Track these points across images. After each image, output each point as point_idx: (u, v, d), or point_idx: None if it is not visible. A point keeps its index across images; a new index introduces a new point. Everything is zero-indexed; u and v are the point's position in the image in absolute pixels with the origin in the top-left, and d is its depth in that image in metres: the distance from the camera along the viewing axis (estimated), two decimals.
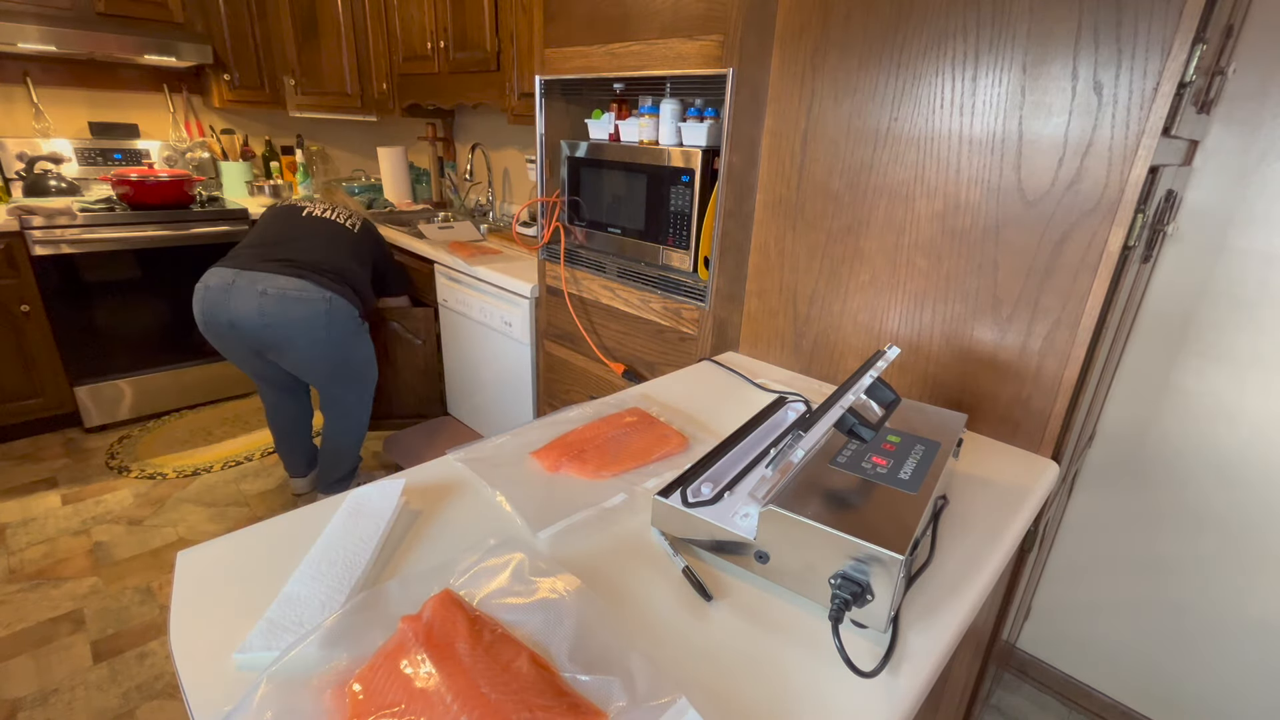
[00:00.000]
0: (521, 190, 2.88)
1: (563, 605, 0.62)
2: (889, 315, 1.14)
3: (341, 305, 1.86)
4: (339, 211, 2.07)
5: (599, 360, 1.64)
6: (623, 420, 1.01)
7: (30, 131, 2.69)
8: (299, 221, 1.97)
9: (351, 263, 1.95)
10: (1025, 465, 0.98)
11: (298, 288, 1.78)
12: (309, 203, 2.06)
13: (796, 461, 0.71)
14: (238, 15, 2.76)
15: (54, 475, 2.34)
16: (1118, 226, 0.87)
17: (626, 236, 1.46)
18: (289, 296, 1.77)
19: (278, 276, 1.78)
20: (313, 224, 1.98)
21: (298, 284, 1.78)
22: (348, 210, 2.11)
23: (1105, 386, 1.33)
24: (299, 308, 1.78)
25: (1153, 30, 0.79)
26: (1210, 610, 1.37)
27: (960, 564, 0.74)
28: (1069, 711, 1.62)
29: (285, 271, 1.79)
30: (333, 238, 1.96)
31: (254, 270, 1.78)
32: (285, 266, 1.81)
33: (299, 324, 1.79)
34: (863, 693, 0.57)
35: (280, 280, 1.77)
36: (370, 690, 0.52)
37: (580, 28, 1.42)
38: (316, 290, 1.80)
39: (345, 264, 1.93)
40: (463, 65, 2.37)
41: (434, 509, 0.80)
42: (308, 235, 1.93)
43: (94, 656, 1.60)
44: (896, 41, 1.02)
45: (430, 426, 2.50)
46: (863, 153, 1.11)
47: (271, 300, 1.76)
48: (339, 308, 1.85)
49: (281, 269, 1.80)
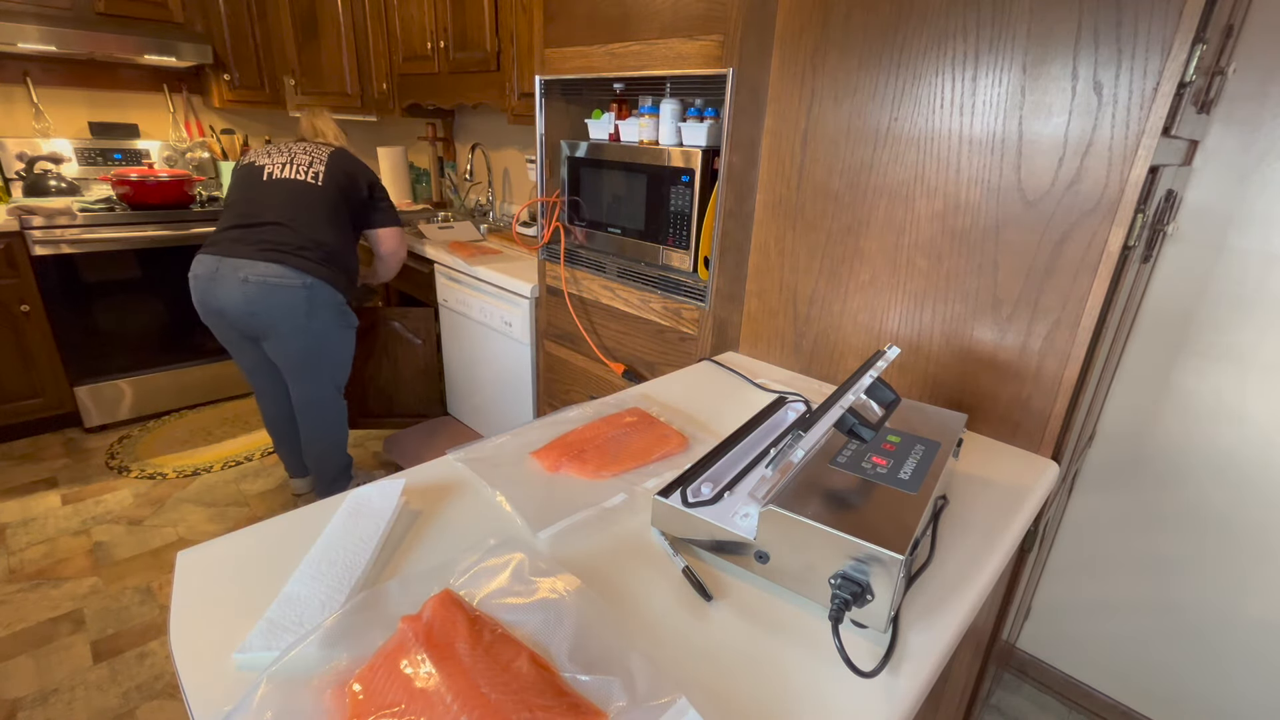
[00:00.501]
0: (521, 190, 2.88)
1: (563, 605, 0.62)
2: (889, 315, 1.14)
3: (323, 290, 1.82)
4: (298, 162, 1.89)
5: (599, 360, 1.64)
6: (623, 420, 1.01)
7: (30, 131, 2.69)
8: (264, 188, 1.85)
9: (326, 230, 1.84)
10: (1025, 465, 0.98)
11: (277, 274, 1.75)
12: (268, 157, 1.91)
13: (796, 461, 0.71)
14: (238, 15, 2.76)
15: (54, 475, 2.34)
16: (1118, 226, 0.87)
17: (626, 236, 1.46)
18: (269, 283, 1.75)
19: (257, 262, 1.75)
20: (278, 190, 1.85)
21: (278, 270, 1.75)
22: (309, 154, 1.92)
23: (1105, 386, 1.33)
24: (280, 294, 1.76)
25: (1153, 30, 0.79)
26: (1211, 610, 1.37)
27: (960, 564, 0.74)
28: (1069, 711, 1.62)
29: (264, 256, 1.76)
30: (303, 204, 1.84)
31: (234, 257, 1.76)
32: (263, 250, 1.76)
33: (280, 310, 1.78)
34: (863, 693, 0.57)
35: (260, 266, 1.75)
36: (370, 690, 0.52)
37: (580, 28, 1.42)
38: (296, 275, 1.77)
39: (320, 234, 1.83)
40: (463, 65, 2.37)
41: (434, 509, 0.80)
42: (277, 205, 1.82)
43: (94, 656, 1.60)
44: (896, 41, 1.02)
45: (430, 426, 2.50)
46: (863, 153, 1.11)
47: (254, 287, 1.75)
48: (320, 292, 1.81)
49: (259, 253, 1.76)
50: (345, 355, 1.98)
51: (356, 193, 1.94)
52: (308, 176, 1.87)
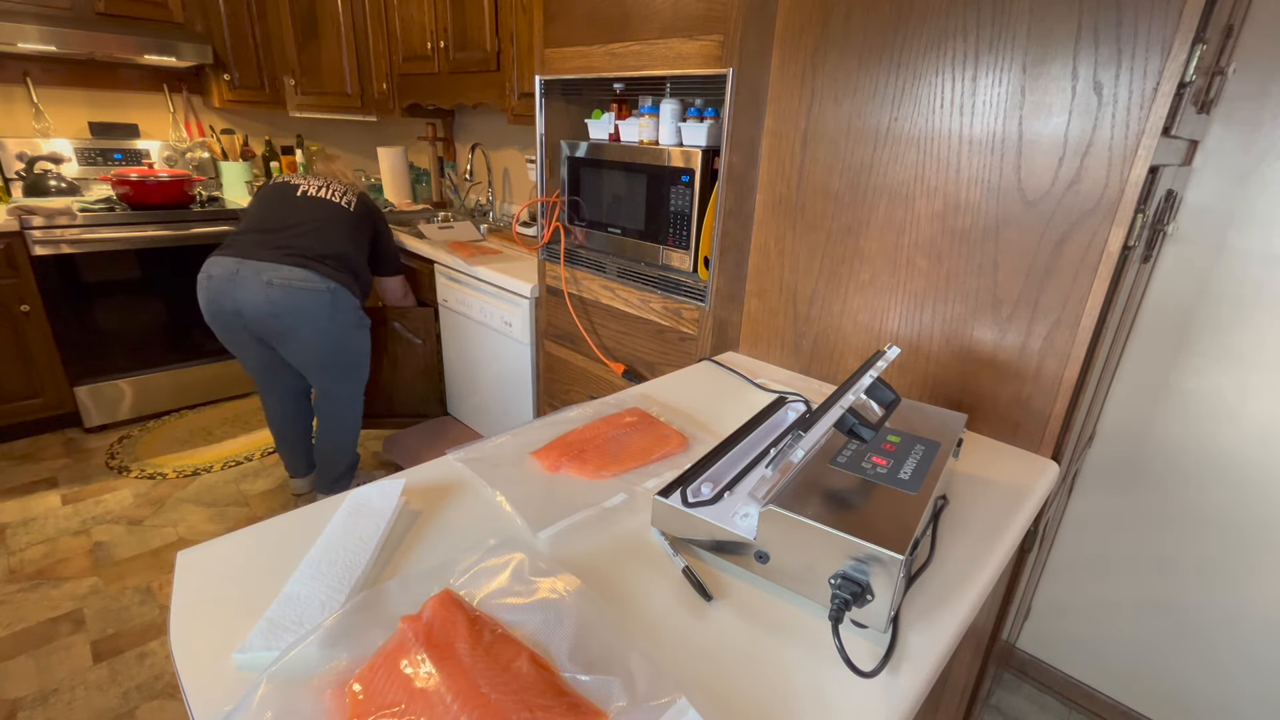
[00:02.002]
0: (521, 190, 2.88)
1: (563, 605, 0.62)
2: (889, 315, 1.14)
3: (344, 295, 1.87)
4: (334, 189, 2.02)
5: (599, 360, 1.64)
6: (623, 420, 1.01)
7: (30, 131, 2.69)
8: (295, 203, 1.94)
9: (348, 246, 1.94)
10: (1025, 465, 0.98)
11: (302, 278, 1.79)
12: (304, 179, 2.01)
13: (796, 461, 0.71)
14: (238, 15, 2.76)
15: (54, 475, 2.34)
16: (1118, 226, 0.87)
17: (626, 236, 1.46)
18: (294, 286, 1.78)
19: (281, 266, 1.77)
20: (309, 205, 1.94)
21: (302, 274, 1.79)
22: (343, 186, 2.06)
23: (1105, 386, 1.33)
24: (304, 297, 1.79)
25: (1153, 30, 0.79)
26: (1211, 610, 1.37)
27: (960, 564, 0.74)
28: (1069, 712, 1.62)
29: (288, 260, 1.79)
30: (330, 220, 1.94)
31: (256, 259, 1.78)
32: (287, 255, 1.80)
33: (304, 313, 1.81)
34: (863, 693, 0.57)
35: (284, 270, 1.77)
36: (370, 690, 0.52)
37: (580, 28, 1.42)
38: (320, 280, 1.81)
39: (343, 247, 1.91)
40: (463, 65, 2.37)
41: (434, 509, 0.80)
42: (305, 219, 1.90)
43: (94, 656, 1.60)
44: (896, 41, 1.02)
45: (430, 426, 2.50)
46: (863, 153, 1.11)
47: (278, 290, 1.77)
48: (342, 297, 1.86)
49: (284, 257, 1.79)
50: (364, 355, 2.04)
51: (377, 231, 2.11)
52: (341, 201, 2.00)
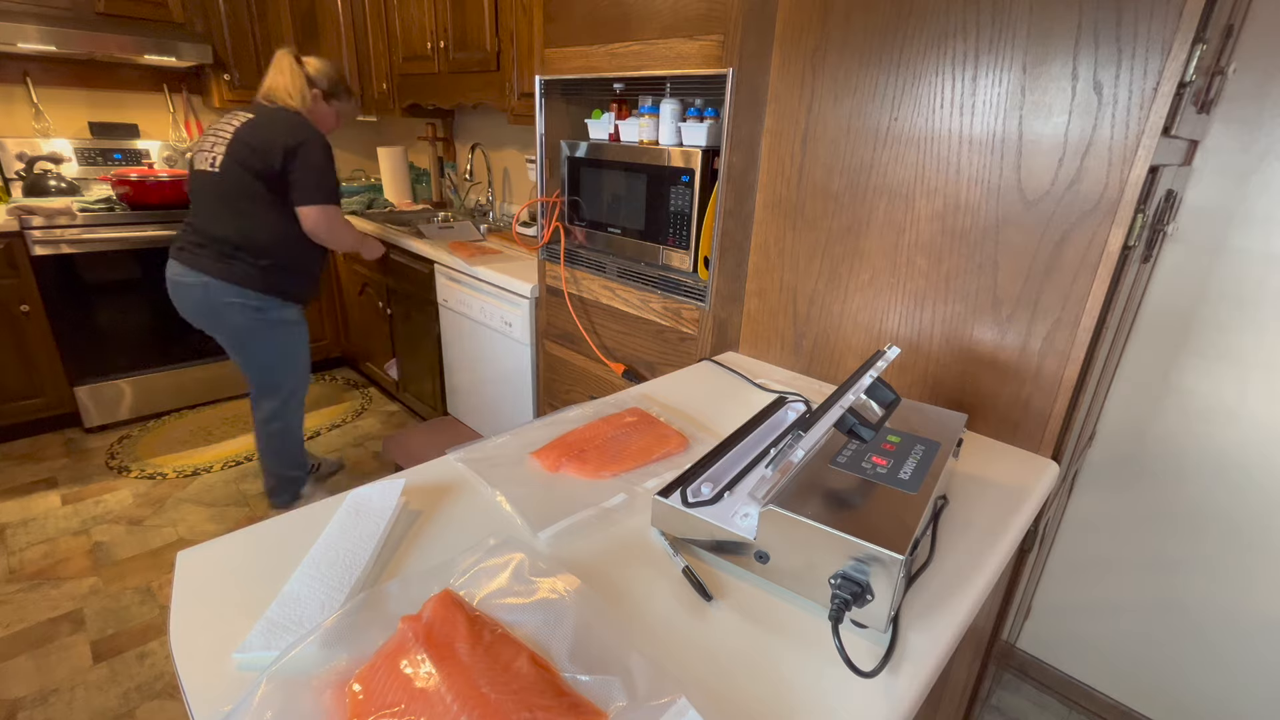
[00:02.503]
0: (521, 190, 2.88)
1: (563, 605, 0.62)
2: (889, 315, 1.14)
3: (223, 290, 1.67)
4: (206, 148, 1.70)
5: (599, 360, 1.64)
6: (623, 420, 1.01)
7: (30, 131, 2.69)
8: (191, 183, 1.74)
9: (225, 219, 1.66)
10: (1025, 465, 0.98)
11: (178, 272, 1.72)
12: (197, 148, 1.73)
13: (796, 461, 0.71)
14: (238, 15, 2.76)
15: (54, 475, 2.34)
16: (1118, 226, 0.87)
17: (626, 236, 1.46)
18: (174, 281, 1.74)
19: (170, 262, 1.75)
20: (195, 183, 1.73)
21: (178, 268, 1.72)
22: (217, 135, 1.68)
23: (1105, 386, 1.33)
24: (183, 292, 1.73)
25: (1153, 30, 0.79)
26: (1211, 610, 1.37)
27: (960, 564, 0.74)
28: (1069, 712, 1.62)
29: (175, 255, 1.74)
30: (201, 196, 1.71)
31: (171, 259, 1.76)
32: (176, 249, 1.73)
33: (190, 308, 1.76)
34: (863, 693, 0.57)
35: (172, 266, 1.75)
36: (370, 690, 0.52)
37: (580, 28, 1.42)
38: (192, 274, 1.68)
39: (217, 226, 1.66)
40: (463, 65, 2.37)
41: (434, 509, 0.80)
42: (199, 198, 1.72)
43: (94, 656, 1.60)
44: (896, 41, 1.02)
45: (430, 426, 2.50)
46: (863, 152, 1.11)
47: (171, 287, 1.75)
48: (217, 292, 1.67)
49: (174, 252, 1.74)
50: (273, 358, 1.80)
51: (267, 167, 1.64)
52: (209, 165, 1.67)
